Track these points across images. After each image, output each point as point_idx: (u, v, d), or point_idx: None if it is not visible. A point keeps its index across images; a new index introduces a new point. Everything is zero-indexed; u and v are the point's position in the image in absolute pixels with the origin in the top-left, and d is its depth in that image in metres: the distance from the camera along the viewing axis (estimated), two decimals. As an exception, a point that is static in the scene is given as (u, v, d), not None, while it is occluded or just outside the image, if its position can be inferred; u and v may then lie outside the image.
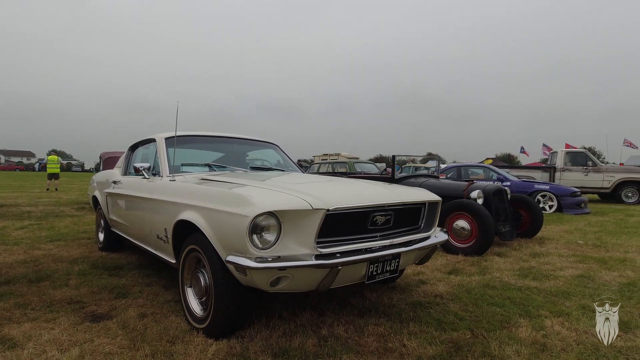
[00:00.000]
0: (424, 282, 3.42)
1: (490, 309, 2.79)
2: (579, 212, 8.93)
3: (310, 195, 2.10)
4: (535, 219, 5.50)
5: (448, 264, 4.06)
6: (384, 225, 2.45)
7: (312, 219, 2.03)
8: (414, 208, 2.71)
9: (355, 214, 2.24)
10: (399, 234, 2.57)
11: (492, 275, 3.67)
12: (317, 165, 13.64)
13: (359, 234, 2.32)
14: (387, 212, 2.42)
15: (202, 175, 3.05)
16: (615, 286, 3.35)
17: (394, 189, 2.61)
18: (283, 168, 3.97)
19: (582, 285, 3.37)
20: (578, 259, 4.31)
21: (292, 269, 2.00)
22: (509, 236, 5.00)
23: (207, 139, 3.93)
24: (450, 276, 3.64)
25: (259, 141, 4.28)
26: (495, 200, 5.03)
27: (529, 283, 3.42)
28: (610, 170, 12.26)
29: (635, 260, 4.24)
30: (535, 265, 4.04)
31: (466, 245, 4.49)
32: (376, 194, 2.37)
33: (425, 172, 7.02)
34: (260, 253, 1.98)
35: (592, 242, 5.25)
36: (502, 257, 4.38)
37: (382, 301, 2.94)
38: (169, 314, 2.65)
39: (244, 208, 1.99)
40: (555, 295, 3.11)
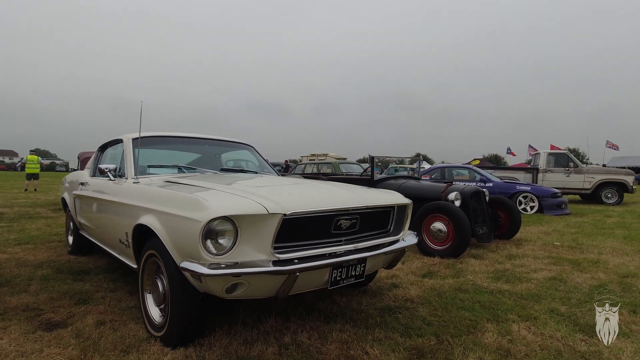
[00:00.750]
0: (397, 286, 3.38)
1: (459, 313, 2.76)
2: (559, 213, 9.02)
3: (268, 200, 2.03)
4: (513, 220, 5.51)
5: (423, 267, 4.03)
6: (350, 230, 2.41)
7: (269, 224, 1.96)
8: (382, 211, 2.67)
9: (316, 218, 2.18)
10: (365, 238, 2.53)
11: (466, 278, 3.65)
12: (303, 165, 13.57)
13: (322, 239, 2.27)
14: (352, 216, 2.37)
15: (168, 177, 2.96)
16: (585, 288, 3.35)
17: (359, 193, 2.56)
18: (256, 170, 3.89)
19: (553, 287, 3.36)
20: (552, 261, 4.32)
21: (248, 276, 1.93)
22: (487, 238, 5.00)
23: (179, 140, 3.84)
24: (424, 279, 3.61)
25: (233, 142, 4.20)
26: (473, 202, 5.02)
27: (501, 286, 3.40)
28: (591, 171, 12.45)
29: (607, 262, 4.27)
30: (510, 267, 4.04)
31: (443, 247, 4.47)
32: (339, 198, 2.31)
33: (406, 173, 7.00)
34: (214, 259, 1.91)
35: (568, 244, 5.29)
36: (478, 259, 4.37)
37: (351, 306, 2.89)
38: (129, 322, 2.55)
39: (198, 212, 1.92)
40: (525, 298, 3.09)
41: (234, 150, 4.31)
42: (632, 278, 3.66)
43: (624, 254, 4.67)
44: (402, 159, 15.29)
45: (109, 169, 3.17)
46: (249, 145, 4.32)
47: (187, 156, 3.87)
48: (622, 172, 12.24)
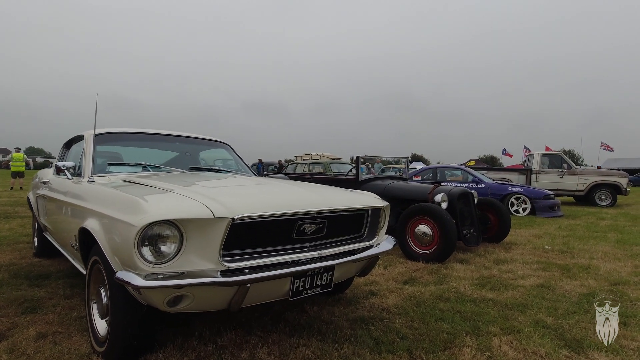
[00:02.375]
0: (374, 294, 3.17)
1: (437, 325, 2.56)
2: (552, 215, 8.86)
3: (216, 202, 1.81)
4: (502, 223, 5.33)
5: (406, 272, 3.83)
6: (315, 235, 2.20)
7: (216, 229, 1.75)
8: (354, 215, 2.47)
9: (274, 222, 1.97)
10: (334, 243, 2.32)
11: (449, 285, 3.45)
12: (294, 165, 13.35)
13: (282, 245, 2.06)
14: (317, 220, 2.16)
15: (128, 176, 2.74)
16: (574, 297, 3.16)
17: (327, 195, 2.35)
18: (230, 169, 3.68)
19: (540, 296, 3.17)
20: (542, 266, 4.13)
21: (191, 287, 1.72)
22: (474, 241, 4.80)
23: (147, 137, 3.61)
24: (404, 286, 3.40)
25: (208, 140, 3.99)
26: (461, 204, 4.82)
27: (486, 294, 3.20)
28: (584, 173, 12.30)
29: (598, 268, 4.08)
30: (497, 273, 3.84)
31: (427, 251, 4.27)
32: (301, 201, 2.10)
33: (393, 173, 6.81)
34: (154, 269, 1.69)
35: (558, 248, 5.10)
36: (464, 264, 4.17)
37: (322, 316, 2.68)
38: (75, 334, 2.33)
39: (134, 216, 1.70)
40: (510, 308, 2.89)
41: (210, 149, 4.10)
42: (623, 286, 3.47)
43: (615, 259, 4.49)
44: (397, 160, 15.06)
45: (67, 166, 2.94)
46: (225, 143, 4.12)
47: (157, 154, 3.65)
48: (615, 174, 12.10)
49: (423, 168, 10.95)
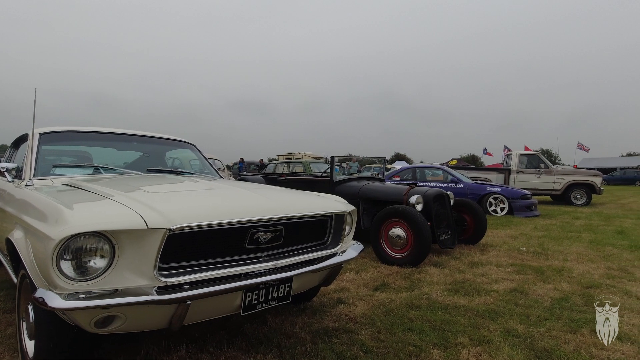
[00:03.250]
0: (342, 302, 3.02)
1: (404, 336, 2.42)
2: (528, 215, 8.91)
3: (153, 210, 1.62)
4: (478, 224, 5.26)
5: (378, 277, 3.70)
6: (272, 243, 2.03)
7: (151, 241, 1.56)
8: (317, 221, 2.31)
9: (222, 231, 1.79)
10: (293, 252, 2.16)
11: (421, 290, 3.33)
12: (274, 165, 13.13)
13: (233, 256, 1.88)
14: (273, 227, 1.99)
15: (73, 179, 2.51)
16: (547, 302, 3.08)
17: (284, 200, 2.18)
18: (194, 170, 3.49)
19: (513, 302, 3.08)
20: (516, 269, 4.06)
21: (121, 307, 1.52)
22: (450, 243, 4.72)
23: (102, 137, 3.36)
24: (375, 293, 3.26)
25: (172, 140, 3.77)
26: (436, 206, 4.73)
27: (458, 300, 3.10)
28: (561, 172, 12.47)
29: (572, 270, 4.04)
30: (471, 277, 3.75)
31: (401, 255, 4.15)
32: (252, 208, 1.92)
33: (369, 174, 6.69)
34: (77, 286, 1.50)
35: (534, 249, 5.07)
36: (438, 268, 4.07)
37: (284, 328, 2.52)
38: (5, 354, 2.10)
39: (54, 227, 1.50)
40: (482, 316, 2.79)
41: (175, 150, 3.89)
42: (595, 289, 3.42)
43: (589, 261, 4.47)
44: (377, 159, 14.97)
45: (7, 168, 2.69)
46: (190, 143, 3.91)
47: (116, 155, 3.43)
48: (590, 173, 12.31)
49: (402, 168, 10.89)
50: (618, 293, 3.32)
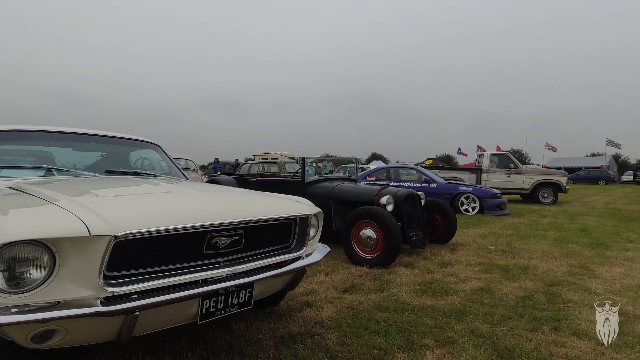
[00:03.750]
0: (310, 305, 2.98)
1: (370, 340, 2.40)
2: (498, 214, 9.14)
3: (98, 216, 1.53)
4: (449, 224, 5.33)
5: (348, 279, 3.67)
6: (232, 248, 1.96)
7: (96, 249, 1.47)
8: (280, 224, 2.25)
9: (176, 237, 1.71)
10: (256, 256, 2.10)
11: (390, 292, 3.33)
12: (248, 165, 12.97)
13: (190, 262, 1.81)
14: (233, 232, 1.93)
15: (20, 182, 2.36)
16: (511, 301, 3.13)
17: (244, 203, 2.11)
18: (158, 172, 3.37)
19: (479, 301, 3.11)
20: (484, 268, 4.13)
21: (61, 321, 1.42)
22: (421, 244, 4.75)
23: (59, 137, 3.19)
24: (344, 295, 3.24)
25: (135, 141, 3.63)
26: (407, 206, 4.76)
27: (426, 301, 3.11)
28: (529, 172, 12.88)
29: (536, 268, 4.14)
30: (439, 277, 3.78)
31: (372, 256, 4.15)
32: (209, 212, 1.85)
33: (341, 174, 6.68)
34: (11, 299, 1.39)
35: (501, 248, 5.18)
36: (409, 268, 4.08)
37: (247, 334, 2.45)
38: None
39: (-16, 236, 1.38)
40: (448, 316, 2.80)
41: (138, 150, 3.74)
42: (558, 286, 3.51)
43: (552, 258, 4.60)
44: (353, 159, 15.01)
45: (-51, 170, 2.51)
46: (154, 143, 3.78)
47: (69, 155, 3.26)
48: (557, 173, 12.78)
49: (377, 168, 10.97)
50: (578, 290, 3.42)
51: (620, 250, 5.09)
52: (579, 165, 41.01)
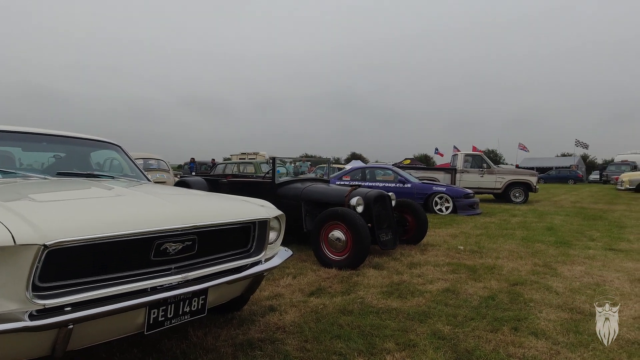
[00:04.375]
0: (274, 309, 2.92)
1: (331, 345, 2.36)
2: (471, 213, 9.30)
3: (26, 223, 1.42)
4: (420, 224, 5.37)
5: (315, 282, 3.63)
6: (184, 254, 1.89)
7: (23, 259, 1.36)
8: (238, 228, 2.19)
9: (119, 244, 1.62)
10: (211, 262, 2.02)
11: (357, 294, 3.30)
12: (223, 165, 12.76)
13: (138, 269, 1.72)
14: (184, 237, 1.85)
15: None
16: (475, 301, 3.16)
17: (196, 207, 2.04)
18: (114, 174, 3.23)
19: (443, 302, 3.13)
20: (452, 268, 4.17)
21: (-17, 337, 1.32)
22: (391, 244, 4.76)
23: (6, 136, 3.02)
24: (310, 298, 3.19)
25: (91, 141, 3.48)
26: (377, 207, 4.76)
27: (391, 303, 3.10)
28: (501, 172, 13.20)
29: (502, 267, 4.22)
30: (407, 278, 3.78)
31: (341, 257, 4.12)
32: (154, 217, 1.76)
33: (313, 175, 6.64)
34: None
35: (470, 247, 5.26)
36: (378, 270, 4.08)
37: (205, 342, 2.36)
38: None
39: None
40: (412, 318, 2.79)
41: (98, 150, 3.60)
42: (521, 286, 3.57)
43: (518, 258, 4.70)
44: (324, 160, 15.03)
45: None
46: (113, 143, 3.64)
47: (18, 156, 3.09)
48: (527, 173, 13.15)
49: (352, 168, 10.99)
50: (540, 289, 3.49)
51: (582, 249, 5.25)
52: (550, 165, 42.41)
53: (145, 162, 10.94)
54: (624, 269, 4.23)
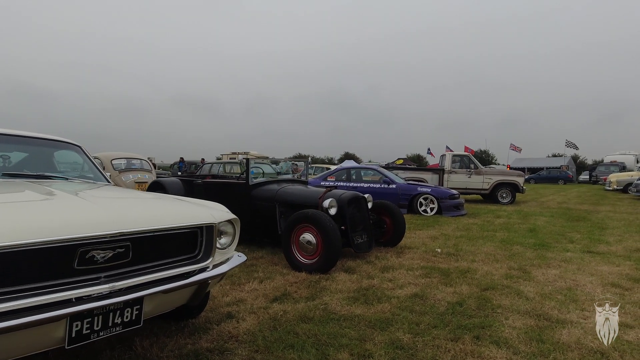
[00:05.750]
0: (232, 316, 2.81)
1: (282, 355, 2.26)
2: (455, 214, 9.25)
3: None
4: (397, 226, 5.28)
5: (282, 286, 3.53)
6: (117, 261, 1.78)
7: None
8: (180, 233, 2.08)
9: (29, 252, 1.50)
10: (149, 269, 1.92)
11: (321, 300, 3.20)
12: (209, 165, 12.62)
13: (60, 279, 1.61)
14: (114, 244, 1.74)
15: None
16: (442, 307, 3.08)
17: (128, 212, 1.92)
18: (70, 175, 3.12)
19: (409, 308, 3.04)
20: (425, 272, 4.09)
21: None
22: (366, 247, 4.67)
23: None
24: (272, 304, 3.09)
25: (48, 140, 3.36)
26: (352, 209, 4.66)
27: (355, 310, 3.00)
28: (489, 172, 13.19)
29: (476, 271, 4.14)
30: (377, 283, 3.69)
31: (311, 261, 4.02)
32: (75, 223, 1.65)
33: (290, 176, 6.54)
34: None
35: (448, 250, 5.18)
36: (349, 274, 3.98)
37: (149, 353, 2.25)
38: None
39: None
40: (373, 326, 2.70)
41: (56, 150, 3.47)
42: (491, 291, 3.49)
43: (494, 261, 4.63)
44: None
45: None
46: (73, 143, 3.52)
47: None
48: (515, 173, 13.15)
49: (337, 168, 10.90)
50: (511, 294, 3.41)
51: (560, 252, 5.20)
52: (541, 166, 42.60)
53: (128, 161, 10.78)
54: (598, 272, 4.18)
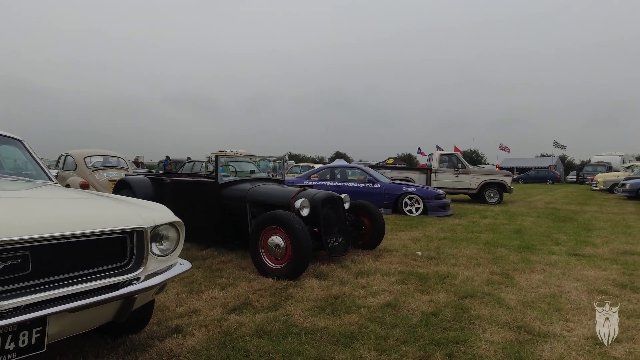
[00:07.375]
0: (180, 331, 2.52)
1: (225, 379, 1.98)
2: (441, 215, 9.04)
3: None
4: (376, 228, 5.02)
5: (244, 294, 3.24)
6: (14, 274, 1.48)
7: None
8: (101, 240, 1.79)
9: None
10: (58, 283, 1.62)
11: (284, 310, 2.92)
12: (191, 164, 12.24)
13: None
14: (6, 254, 1.45)
15: None
16: (415, 319, 2.82)
17: (27, 216, 1.62)
18: (3, 172, 2.80)
19: (379, 320, 2.77)
20: (401, 278, 3.83)
21: None
22: (341, 250, 4.40)
23: None
24: (229, 316, 2.80)
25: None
26: (326, 210, 4.39)
27: (319, 322, 2.73)
28: (476, 172, 13.04)
29: (457, 276, 3.90)
30: (349, 290, 3.42)
31: (279, 266, 3.73)
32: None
33: (264, 175, 6.24)
34: None
35: (429, 253, 4.93)
36: (319, 279, 3.71)
37: (71, 379, 1.95)
38: None
39: None
40: (336, 342, 2.43)
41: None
42: (470, 299, 3.25)
43: (476, 265, 4.39)
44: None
45: None
46: (14, 138, 3.20)
47: None
48: (502, 173, 13.01)
49: (321, 167, 10.62)
50: (491, 302, 3.17)
51: (545, 254, 4.99)
52: (530, 166, 42.79)
53: (105, 159, 10.43)
54: (584, 277, 3.96)
